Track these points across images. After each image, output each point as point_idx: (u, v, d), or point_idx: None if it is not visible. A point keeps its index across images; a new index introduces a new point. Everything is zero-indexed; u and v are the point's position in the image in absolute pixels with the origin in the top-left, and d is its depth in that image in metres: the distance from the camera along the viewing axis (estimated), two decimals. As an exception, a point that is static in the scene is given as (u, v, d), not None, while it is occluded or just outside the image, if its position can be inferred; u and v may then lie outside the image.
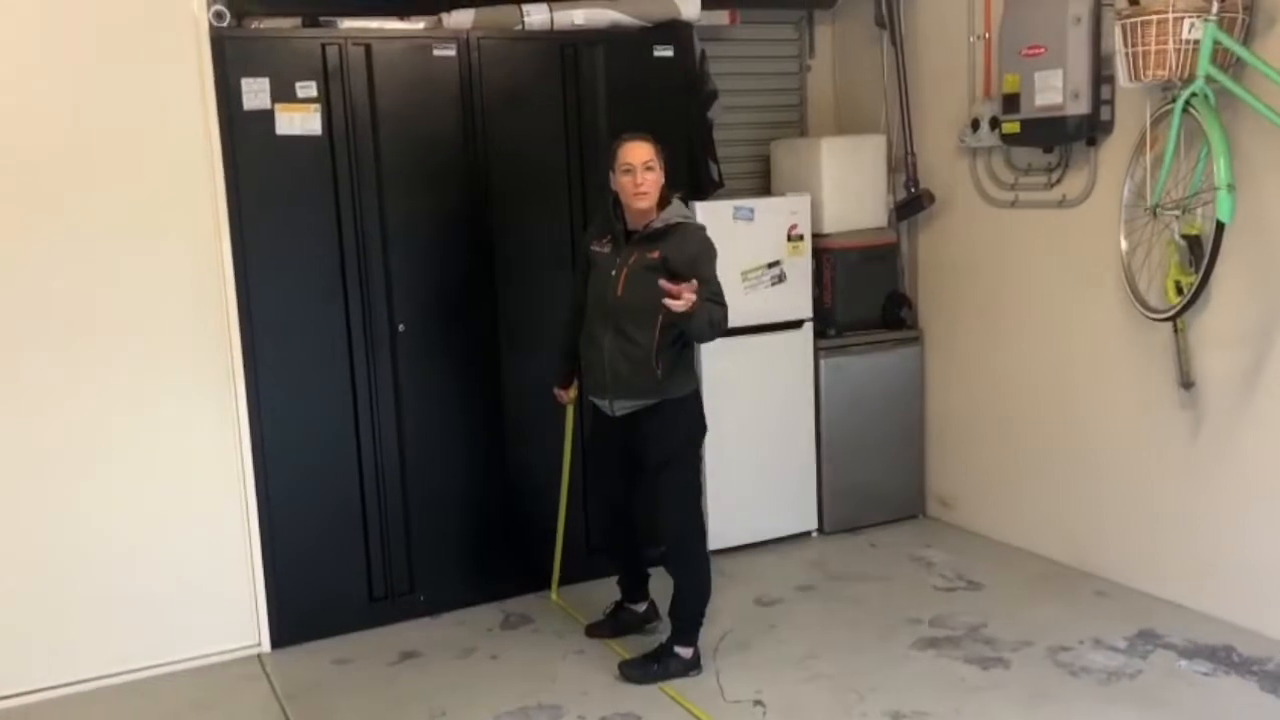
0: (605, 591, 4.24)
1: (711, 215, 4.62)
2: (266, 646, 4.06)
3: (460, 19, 4.17)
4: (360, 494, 4.14)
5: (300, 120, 3.91)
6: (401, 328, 4.12)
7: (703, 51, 4.72)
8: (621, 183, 3.50)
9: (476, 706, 3.58)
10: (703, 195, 4.71)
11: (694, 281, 3.30)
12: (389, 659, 3.96)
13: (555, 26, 4.29)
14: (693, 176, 4.65)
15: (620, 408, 3.60)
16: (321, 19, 3.98)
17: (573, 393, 4.02)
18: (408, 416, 4.17)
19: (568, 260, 4.35)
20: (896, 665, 3.75)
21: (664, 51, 4.45)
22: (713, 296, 3.46)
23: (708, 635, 3.88)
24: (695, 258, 3.47)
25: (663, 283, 3.27)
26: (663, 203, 3.55)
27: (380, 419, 4.13)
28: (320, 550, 4.10)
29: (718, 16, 4.94)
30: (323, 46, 3.91)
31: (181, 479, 3.89)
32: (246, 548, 4.00)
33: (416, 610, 4.27)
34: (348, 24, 3.99)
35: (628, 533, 3.89)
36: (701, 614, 3.75)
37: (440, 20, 4.17)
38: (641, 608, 4.06)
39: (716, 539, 4.80)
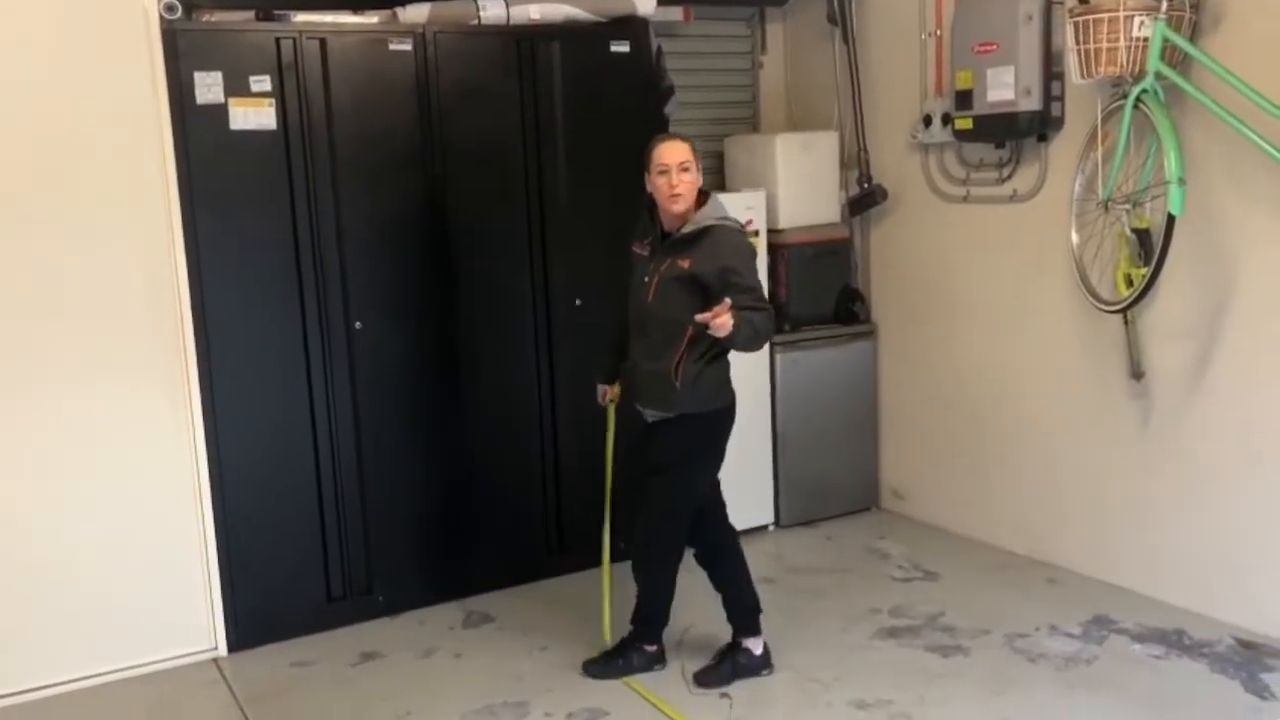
0: (576, 588, 4.23)
1: (669, 211, 4.65)
2: (224, 650, 3.99)
3: (416, 13, 4.14)
4: (317, 494, 4.09)
5: (254, 115, 3.84)
6: (359, 325, 4.07)
7: (659, 47, 4.72)
8: (656, 184, 3.39)
9: (442, 706, 3.56)
10: (659, 191, 4.71)
11: (726, 301, 3.16)
12: (350, 660, 3.92)
13: (511, 21, 4.26)
14: (649, 172, 4.65)
15: (649, 415, 3.54)
16: (275, 12, 3.92)
17: (615, 391, 3.83)
18: (365, 415, 4.13)
19: (525, 255, 4.35)
20: (859, 655, 3.79)
21: (620, 47, 4.44)
22: (752, 303, 3.30)
23: (672, 628, 3.89)
24: (727, 267, 3.31)
25: (698, 318, 3.18)
26: (699, 202, 3.43)
27: (337, 417, 4.08)
28: (277, 551, 4.04)
29: (672, 13, 4.94)
30: (277, 40, 3.85)
31: (135, 480, 3.81)
32: (202, 550, 3.93)
33: (375, 610, 4.23)
34: (302, 18, 3.94)
35: (681, 548, 3.69)
36: (660, 615, 3.71)
37: (396, 15, 4.13)
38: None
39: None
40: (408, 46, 4.07)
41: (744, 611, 3.71)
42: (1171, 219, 3.55)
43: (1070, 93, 4.15)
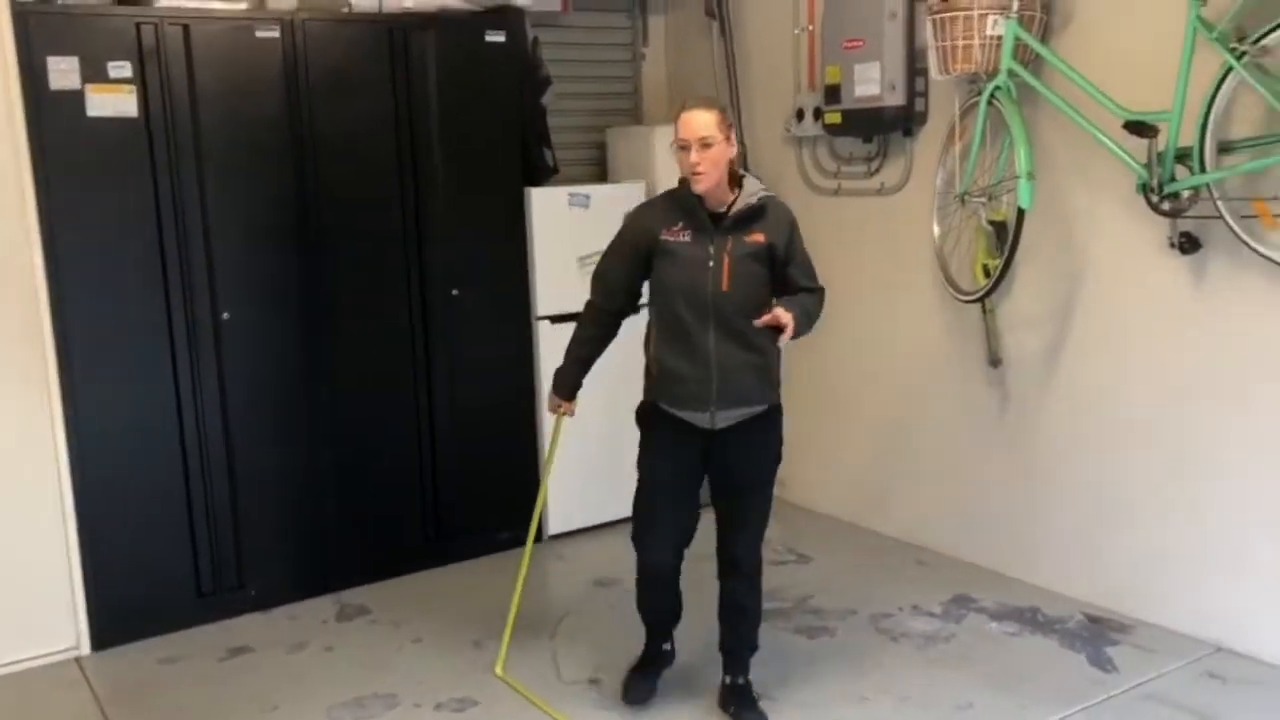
0: (454, 579, 4.22)
1: (547, 202, 4.68)
2: (86, 649, 3.90)
3: (284, 0, 4.08)
4: (185, 487, 4.02)
5: (114, 102, 3.75)
6: (226, 315, 4.01)
7: (535, 37, 4.74)
8: (679, 160, 3.06)
9: (309, 699, 3.53)
10: (537, 182, 4.72)
11: (775, 311, 2.98)
12: (218, 655, 3.87)
13: (384, 9, 4.24)
14: (527, 163, 4.66)
15: (724, 419, 3.11)
16: (135, -4, 3.84)
17: (573, 407, 3.46)
18: (235, 406, 4.07)
19: (399, 244, 4.32)
20: (729, 639, 3.86)
21: (496, 36, 4.44)
22: (810, 285, 3.17)
23: (547, 618, 3.92)
24: (793, 241, 3.15)
25: (758, 322, 2.99)
26: (733, 177, 3.11)
27: (205, 409, 4.01)
28: (142, 546, 3.96)
29: (550, 3, 4.96)
30: (137, 26, 3.76)
31: (-10, 476, 3.70)
32: (63, 545, 3.83)
33: (247, 605, 4.18)
34: (165, 3, 3.85)
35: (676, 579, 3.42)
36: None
37: (263, 1, 4.07)
38: (669, 645, 3.59)
39: (558, 523, 4.86)
40: (275, 33, 4.01)
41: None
42: (1022, 212, 3.68)
43: (933, 89, 4.27)
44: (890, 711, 3.36)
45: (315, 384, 4.22)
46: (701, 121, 3.00)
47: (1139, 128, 3.41)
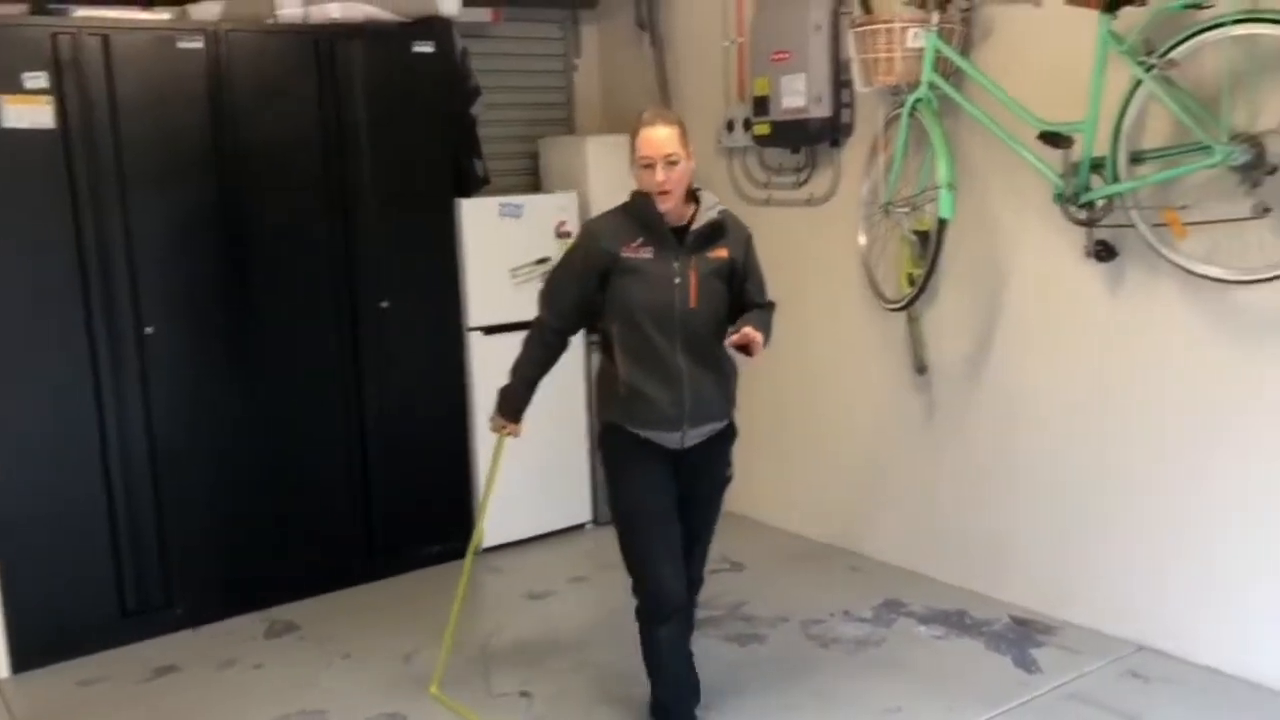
0: (387, 594, 4.19)
1: (478, 212, 4.67)
2: (5, 672, 3.82)
3: (207, 10, 4.05)
4: (108, 505, 3.95)
5: (30, 113, 3.69)
6: (150, 329, 3.95)
7: (464, 48, 4.73)
8: (641, 178, 2.98)
9: (236, 718, 3.48)
10: (468, 192, 4.71)
11: (744, 330, 2.91)
12: (143, 676, 3.80)
13: (310, 20, 4.21)
14: (457, 173, 4.65)
15: (693, 437, 3.07)
16: (51, 5, 3.78)
17: (518, 429, 3.32)
18: (159, 421, 4.01)
19: (327, 256, 4.28)
20: (661, 648, 3.87)
21: (424, 47, 4.43)
22: (763, 300, 3.16)
23: (478, 632, 3.90)
24: (750, 256, 3.13)
25: (729, 342, 2.92)
26: (689, 191, 3.05)
27: (128, 425, 3.95)
28: (64, 565, 3.88)
29: (480, 14, 4.95)
30: (53, 36, 3.70)
31: (-99, 497, 3.61)
32: (-20, 568, 3.75)
33: (174, 623, 4.11)
34: (82, 12, 3.80)
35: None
36: None
37: (185, 11, 4.03)
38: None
39: (493, 535, 4.84)
40: (199, 44, 3.97)
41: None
42: (943, 222, 3.75)
43: (858, 100, 4.33)
44: (817, 717, 3.38)
45: (243, 398, 4.18)
46: (664, 139, 2.95)
47: (1053, 138, 3.49)
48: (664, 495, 3.09)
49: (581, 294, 3.09)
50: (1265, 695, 3.36)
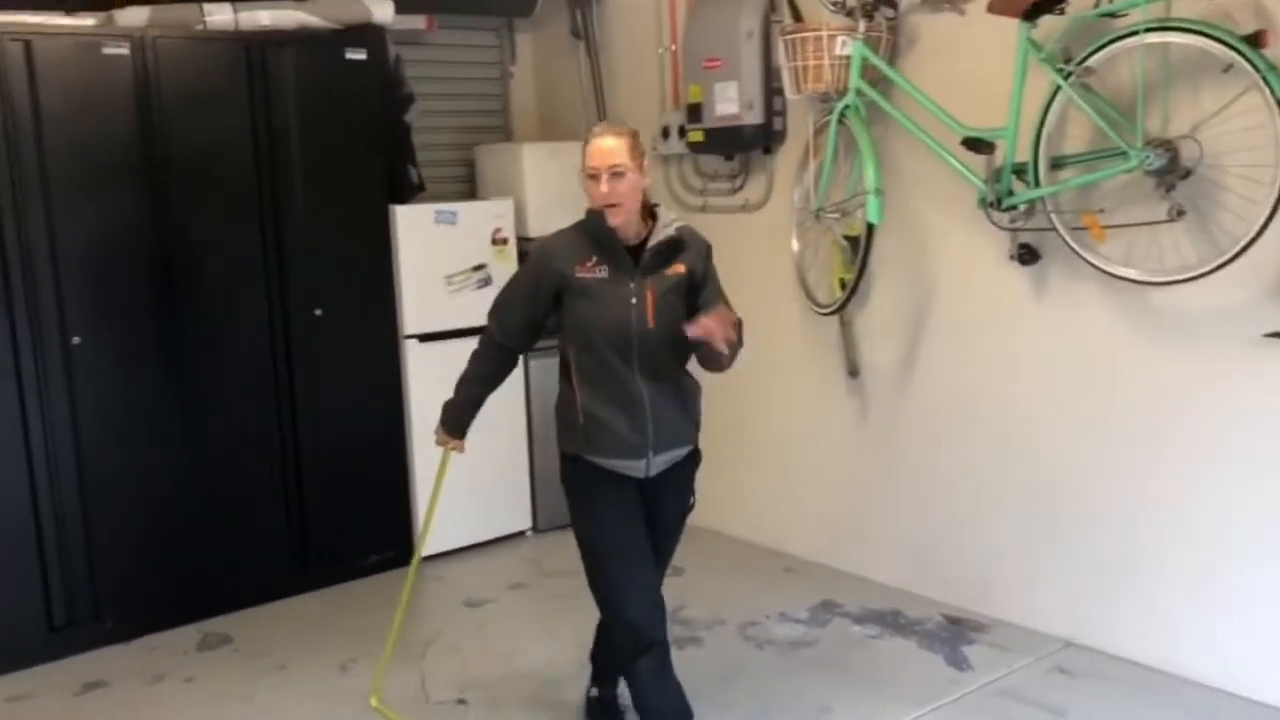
0: (321, 605, 4.16)
1: (413, 219, 4.66)
2: (-72, 690, 3.75)
3: (134, 16, 4.00)
4: (35, 518, 3.88)
5: (-51, 120, 3.63)
6: (77, 340, 3.89)
7: (397, 55, 4.72)
8: (587, 189, 2.86)
9: (166, 733, 3.45)
10: (403, 199, 4.70)
11: (719, 308, 2.82)
12: (71, 691, 3.74)
13: (240, 27, 4.17)
14: (392, 181, 4.63)
15: (659, 464, 2.94)
16: (-29, 11, 3.71)
17: (462, 445, 3.26)
18: (87, 432, 3.94)
19: (259, 265, 4.26)
20: (598, 653, 3.88)
21: (356, 55, 4.41)
22: (721, 307, 2.93)
23: (416, 640, 3.88)
24: (708, 268, 2.97)
25: (690, 330, 2.76)
26: (645, 206, 2.94)
27: (55, 436, 3.88)
28: (-12, 582, 3.81)
29: (414, 21, 4.94)
30: (-27, 41, 3.65)
31: None
32: (-100, 585, 3.67)
33: (105, 637, 4.05)
34: (4, 18, 3.73)
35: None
36: None
37: (111, 17, 3.98)
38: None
39: (432, 543, 4.81)
40: (125, 51, 3.92)
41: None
42: (871, 227, 3.80)
43: (790, 107, 4.38)
44: (753, 717, 3.41)
45: (173, 408, 4.12)
46: (613, 147, 2.81)
47: (976, 144, 3.56)
48: (631, 526, 2.94)
49: (531, 313, 2.97)
50: (1185, 686, 3.45)
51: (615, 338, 2.83)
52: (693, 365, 3.01)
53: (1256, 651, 3.31)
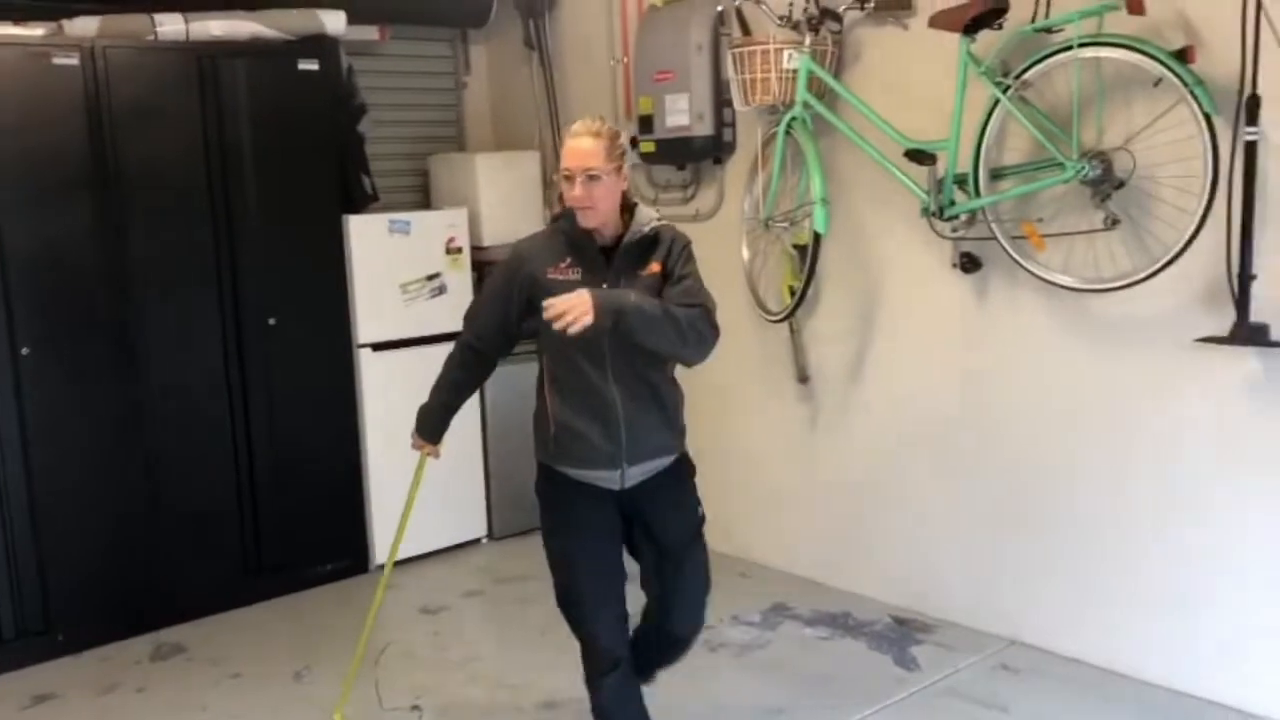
0: (276, 612, 4.16)
1: (366, 229, 4.68)
2: (-127, 705, 3.71)
3: (84, 27, 4.00)
4: (-17, 530, 3.86)
5: (-106, 130, 3.61)
6: (25, 350, 3.87)
7: (350, 66, 4.74)
8: (564, 191, 2.74)
9: (118, 744, 3.44)
10: (357, 209, 4.72)
11: (566, 296, 2.54)
12: (20, 704, 3.71)
13: (191, 38, 4.18)
14: (346, 191, 4.65)
15: (634, 476, 2.83)
16: (-83, 21, 3.70)
17: (437, 450, 3.21)
18: (36, 443, 3.93)
19: (213, 274, 4.26)
20: (553, 659, 3.90)
21: (309, 65, 4.43)
22: (682, 295, 2.73)
23: (371, 648, 3.89)
24: (680, 262, 2.80)
25: (548, 312, 2.53)
26: (625, 206, 2.82)
27: (3, 446, 3.86)
28: (-64, 595, 3.79)
29: (367, 32, 4.96)
30: (-81, 52, 3.64)
31: None
32: None
33: (55, 650, 4.03)
34: (-50, 27, 3.73)
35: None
36: None
37: (61, 27, 3.97)
38: None
39: (384, 552, 4.81)
40: (75, 61, 3.92)
41: None
42: (818, 236, 3.88)
43: (740, 119, 4.46)
44: (706, 718, 3.46)
45: (124, 417, 4.11)
46: (587, 151, 2.68)
47: (918, 156, 3.65)
48: (600, 542, 2.87)
49: (504, 315, 2.89)
50: (1126, 683, 3.54)
51: (587, 342, 2.67)
52: (683, 371, 2.96)
53: (1195, 648, 3.41)
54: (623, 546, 2.94)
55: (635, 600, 3.00)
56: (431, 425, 3.11)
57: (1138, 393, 3.45)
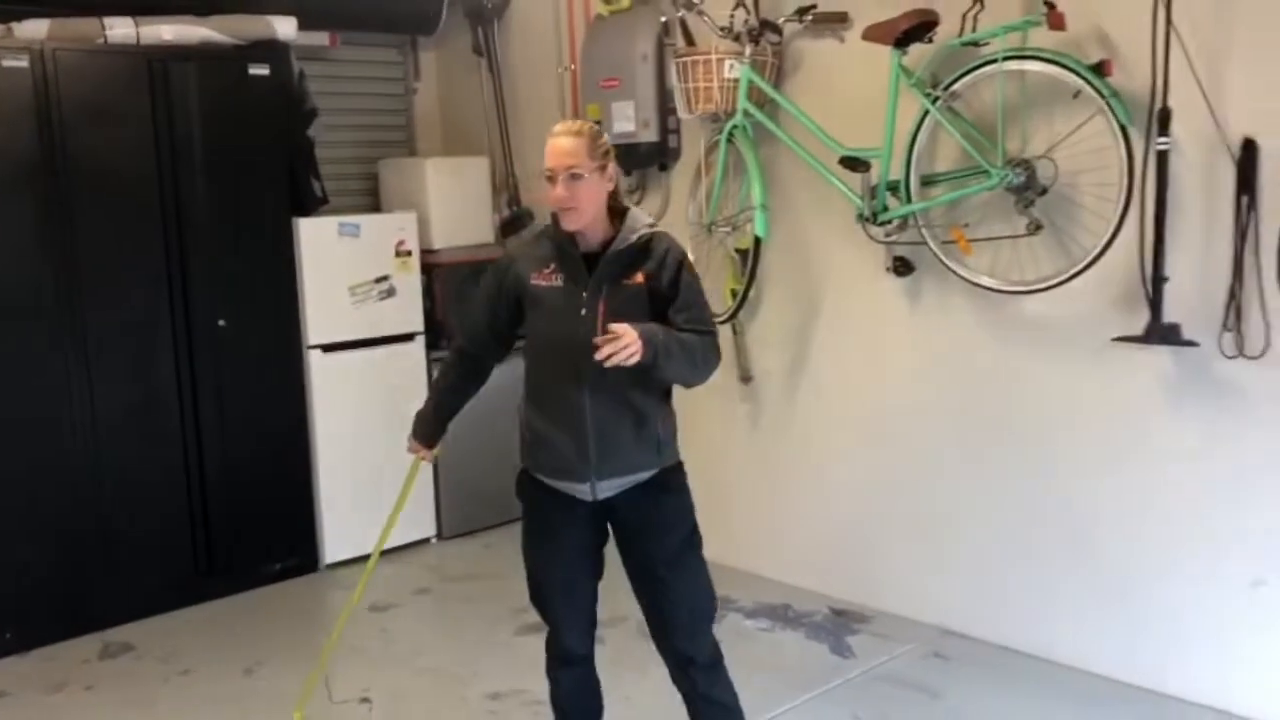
0: (227, 610, 4.19)
1: (316, 231, 4.74)
2: None
3: (33, 29, 4.03)
4: (-70, 530, 3.88)
5: None
6: (-26, 351, 3.90)
7: (301, 71, 4.80)
8: (547, 191, 2.64)
9: (66, 740, 3.47)
10: (307, 212, 4.77)
11: (617, 326, 2.46)
12: (-32, 703, 3.74)
13: (142, 41, 4.22)
14: (296, 194, 4.71)
15: (608, 489, 2.71)
16: None
17: (438, 451, 3.10)
18: (-16, 444, 3.95)
19: (162, 276, 4.30)
20: (499, 652, 4.01)
21: (259, 70, 4.48)
22: (692, 323, 2.64)
23: (319, 644, 3.95)
24: (680, 279, 2.66)
25: (600, 349, 2.43)
26: (614, 210, 2.70)
27: (-50, 449, 3.89)
28: (-118, 594, 3.79)
29: (317, 37, 5.02)
30: None
31: None
32: None
33: (4, 649, 4.04)
34: (-102, 29, 3.74)
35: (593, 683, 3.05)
36: None
37: (10, 29, 4.00)
38: None
39: (334, 551, 4.88)
40: (24, 63, 3.94)
41: None
42: (758, 240, 4.01)
43: (684, 127, 4.58)
44: (650, 708, 3.55)
45: (76, 417, 4.14)
46: (567, 149, 2.58)
47: (853, 163, 3.79)
48: (569, 552, 2.80)
49: (493, 316, 2.81)
50: (1055, 669, 3.70)
51: (562, 351, 2.62)
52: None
53: (1123, 635, 3.57)
54: (596, 556, 2.88)
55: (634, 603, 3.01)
56: (425, 429, 3.05)
57: (1056, 387, 3.62)
